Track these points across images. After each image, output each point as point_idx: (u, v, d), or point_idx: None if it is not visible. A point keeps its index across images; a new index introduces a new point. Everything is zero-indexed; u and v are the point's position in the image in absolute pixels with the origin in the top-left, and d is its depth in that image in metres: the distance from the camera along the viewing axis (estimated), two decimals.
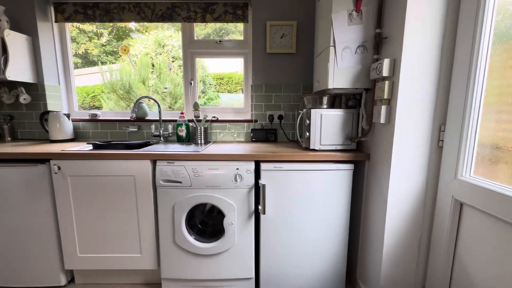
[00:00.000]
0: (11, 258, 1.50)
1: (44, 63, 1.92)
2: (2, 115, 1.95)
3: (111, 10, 1.97)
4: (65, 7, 1.97)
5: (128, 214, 1.47)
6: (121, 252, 1.50)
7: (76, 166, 1.42)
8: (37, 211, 1.46)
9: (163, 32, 2.49)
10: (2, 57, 1.69)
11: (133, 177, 1.43)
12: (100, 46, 2.41)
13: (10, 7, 1.82)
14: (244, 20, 1.95)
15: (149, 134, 2.01)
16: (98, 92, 2.44)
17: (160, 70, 2.52)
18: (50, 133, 1.82)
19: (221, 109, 2.14)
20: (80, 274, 1.59)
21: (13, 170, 1.42)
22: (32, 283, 1.54)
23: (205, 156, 1.41)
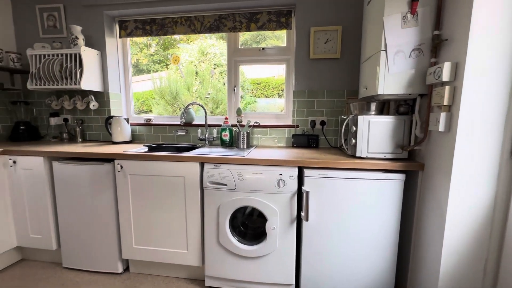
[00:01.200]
0: (81, 243, 1.73)
1: (109, 74, 2.19)
2: (75, 119, 2.26)
3: (166, 24, 2.16)
4: (127, 24, 2.22)
5: (177, 212, 1.58)
6: (170, 247, 1.62)
7: (135, 166, 1.58)
8: (102, 203, 1.66)
9: (206, 41, 2.65)
10: (79, 70, 1.97)
11: (183, 178, 1.54)
12: (149, 56, 2.65)
13: (85, 27, 2.12)
14: (288, 27, 1.98)
15: (195, 138, 2.14)
16: (147, 98, 2.68)
17: (203, 77, 2.68)
18: (113, 135, 2.06)
19: (262, 114, 2.19)
20: (134, 264, 1.76)
21: (85, 167, 1.64)
22: (95, 267, 1.75)
23: (249, 161, 1.45)
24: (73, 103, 2.18)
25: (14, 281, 1.67)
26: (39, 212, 1.74)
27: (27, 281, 1.67)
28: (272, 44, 2.23)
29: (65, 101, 2.18)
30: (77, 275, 1.73)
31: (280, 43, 2.25)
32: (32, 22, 2.23)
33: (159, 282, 1.67)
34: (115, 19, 2.22)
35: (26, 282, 1.66)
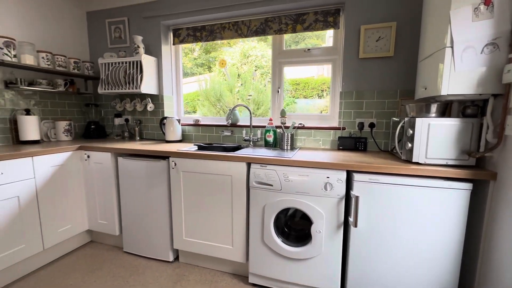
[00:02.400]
0: (139, 231, 1.92)
1: (164, 78, 2.39)
2: (135, 120, 2.53)
3: (215, 30, 2.29)
4: (180, 32, 2.41)
5: (224, 209, 1.66)
6: (216, 241, 1.71)
7: (187, 164, 1.70)
8: (157, 196, 1.82)
9: (248, 43, 2.71)
10: (139, 75, 2.20)
11: (230, 176, 1.61)
12: (192, 60, 2.81)
13: (145, 36, 2.35)
14: (335, 26, 1.93)
15: (239, 138, 2.22)
16: (192, 99, 2.83)
17: (245, 79, 2.75)
18: (166, 134, 2.25)
19: (305, 115, 2.17)
20: (183, 255, 1.90)
21: (144, 163, 1.83)
22: (150, 254, 1.93)
23: (295, 162, 1.46)
24: (133, 105, 2.44)
25: (86, 259, 1.93)
26: (106, 200, 1.99)
27: (95, 260, 1.92)
28: (312, 44, 2.20)
29: (127, 103, 2.45)
30: (135, 259, 1.93)
31: (320, 43, 2.21)
32: (102, 34, 2.55)
33: (206, 274, 1.77)
34: (170, 28, 2.42)
35: (95, 260, 1.91)
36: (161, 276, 1.74)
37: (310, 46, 2.13)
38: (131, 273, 1.76)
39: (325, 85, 2.27)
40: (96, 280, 1.69)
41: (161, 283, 1.67)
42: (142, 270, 1.80)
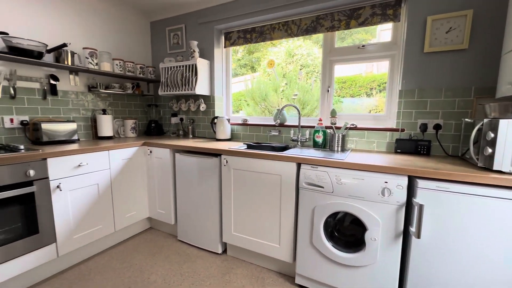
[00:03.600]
0: (191, 222, 2.08)
1: (216, 80, 2.53)
2: (188, 119, 2.73)
3: (264, 31, 2.32)
4: (231, 35, 2.51)
5: (272, 208, 1.68)
6: (263, 239, 1.75)
7: (237, 161, 1.77)
8: (209, 191, 1.94)
9: (294, 42, 2.67)
10: (194, 77, 2.36)
11: (279, 176, 1.63)
12: (236, 61, 2.88)
13: (200, 41, 2.52)
14: (395, 19, 1.79)
15: (287, 138, 2.22)
16: (236, 99, 2.91)
17: (290, 78, 2.73)
18: (217, 133, 2.38)
19: (356, 115, 2.06)
20: (231, 248, 1.98)
21: (198, 159, 1.96)
22: (200, 244, 2.07)
23: (349, 165, 1.40)
24: (188, 105, 2.63)
25: (146, 243, 2.17)
26: (164, 192, 2.19)
27: (154, 245, 2.14)
28: (360, 39, 2.07)
29: (182, 104, 2.66)
30: (188, 248, 2.09)
31: (369, 37, 2.06)
32: (163, 41, 2.81)
33: (252, 270, 1.82)
34: (222, 31, 2.54)
35: (154, 245, 2.12)
36: (211, 266, 1.85)
37: (358, 42, 2.02)
38: (185, 260, 1.91)
39: (375, 83, 2.13)
40: (156, 263, 1.88)
41: (211, 272, 1.77)
42: (194, 258, 1.94)
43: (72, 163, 1.71)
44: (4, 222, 1.44)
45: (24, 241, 1.51)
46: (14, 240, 1.47)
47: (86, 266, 1.83)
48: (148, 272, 1.77)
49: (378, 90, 2.14)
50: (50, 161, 1.60)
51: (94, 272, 1.76)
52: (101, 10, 2.39)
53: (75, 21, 2.20)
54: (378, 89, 2.14)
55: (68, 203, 1.71)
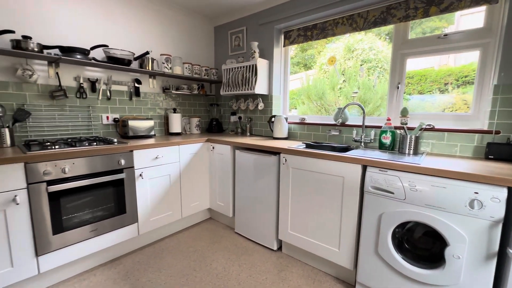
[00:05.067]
0: (248, 216, 2.16)
1: (274, 79, 2.56)
2: (246, 117, 2.84)
3: (326, 27, 2.24)
4: (291, 33, 2.50)
5: (332, 210, 1.63)
6: (321, 241, 1.70)
7: (297, 160, 1.77)
8: (266, 188, 1.99)
9: (354, 37, 2.49)
10: (254, 78, 2.44)
11: (342, 178, 1.56)
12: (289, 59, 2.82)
13: (260, 41, 2.58)
14: (492, 0, 1.50)
15: (348, 139, 2.11)
16: (291, 97, 2.87)
17: (349, 75, 2.56)
18: (274, 132, 2.41)
19: (431, 115, 1.82)
20: (287, 246, 1.99)
21: (257, 157, 2.02)
22: (256, 238, 2.14)
23: (427, 170, 1.25)
24: (247, 104, 2.73)
25: (207, 232, 2.35)
26: (224, 185, 2.34)
27: (214, 234, 2.30)
28: (431, 27, 1.80)
29: (241, 103, 2.78)
30: (244, 241, 2.18)
31: (444, 25, 1.78)
32: (225, 44, 2.98)
33: (308, 271, 1.80)
34: (281, 30, 2.56)
35: (214, 235, 2.29)
36: (267, 261, 1.89)
37: (430, 31, 1.76)
38: (242, 252, 2.01)
39: (451, 77, 1.84)
40: (216, 251, 2.02)
41: (267, 267, 1.82)
42: (250, 252, 2.02)
43: (151, 155, 1.97)
44: (102, 201, 1.75)
45: (115, 219, 1.82)
46: (108, 217, 1.78)
47: (159, 245, 2.09)
48: (210, 258, 1.92)
49: (456, 85, 1.85)
50: (135, 153, 1.88)
51: (166, 252, 2.00)
52: (175, 19, 2.67)
53: (155, 31, 2.51)
54: (456, 84, 1.85)
55: (147, 189, 1.98)
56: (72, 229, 1.61)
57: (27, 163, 1.41)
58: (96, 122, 2.17)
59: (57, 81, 1.92)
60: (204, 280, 1.68)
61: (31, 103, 1.83)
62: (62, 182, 1.54)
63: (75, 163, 1.58)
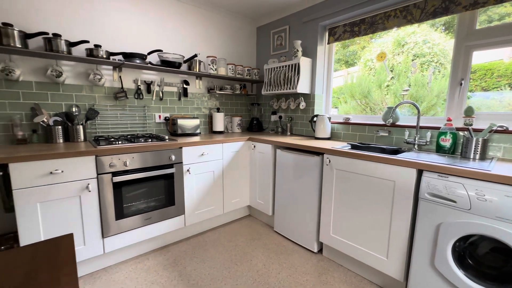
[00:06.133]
0: (288, 215, 2.16)
1: (317, 78, 2.50)
2: (287, 117, 2.83)
3: (376, 21, 2.11)
4: (336, 30, 2.41)
5: (380, 215, 1.53)
6: (367, 247, 1.62)
7: (341, 162, 1.70)
8: (307, 188, 1.96)
9: (405, 30, 2.28)
10: (296, 77, 2.42)
11: (393, 182, 1.46)
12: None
13: (303, 40, 2.55)
14: None
15: (398, 140, 1.96)
16: (333, 96, 2.75)
17: (399, 72, 2.36)
18: (316, 131, 2.36)
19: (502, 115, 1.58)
20: (328, 249, 1.94)
21: (299, 157, 2.00)
22: (295, 239, 2.12)
23: (501, 178, 1.10)
24: (288, 103, 2.72)
25: (246, 228, 2.41)
26: (264, 184, 2.37)
27: (253, 231, 2.35)
28: (500, 14, 1.53)
29: (282, 102, 2.78)
30: (283, 240, 2.19)
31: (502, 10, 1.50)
32: (267, 44, 3.01)
33: (351, 277, 1.72)
34: (326, 27, 2.48)
35: (253, 231, 2.34)
36: (307, 263, 1.87)
37: (498, 17, 1.51)
38: (281, 251, 2.01)
39: None
40: (256, 248, 2.06)
41: (307, 269, 1.79)
42: (290, 252, 2.01)
43: (197, 152, 2.10)
44: (154, 193, 1.92)
45: (165, 209, 1.97)
46: (160, 208, 1.94)
47: (203, 238, 2.21)
48: (250, 254, 1.97)
49: None
50: (184, 150, 2.01)
51: (209, 244, 2.11)
52: (220, 22, 2.79)
53: (201, 34, 2.65)
54: None
55: (194, 184, 2.11)
56: (130, 216, 1.80)
57: (98, 156, 1.61)
58: (150, 120, 2.38)
59: (120, 83, 2.16)
60: (246, 275, 1.72)
61: (99, 104, 2.09)
62: (124, 174, 1.73)
63: (134, 157, 1.77)
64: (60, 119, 1.85)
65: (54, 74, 1.79)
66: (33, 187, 1.41)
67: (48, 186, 1.45)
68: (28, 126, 1.79)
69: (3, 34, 1.51)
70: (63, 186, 1.50)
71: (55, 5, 1.82)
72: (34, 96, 1.80)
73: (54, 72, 1.79)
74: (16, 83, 1.73)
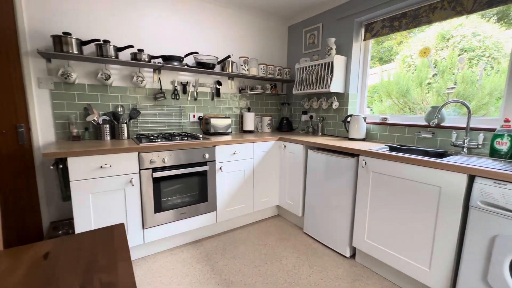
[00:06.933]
0: (318, 217, 2.11)
1: (351, 76, 2.41)
2: (318, 117, 2.77)
3: (420, 14, 1.97)
4: (374, 25, 2.29)
5: (422, 223, 1.43)
6: (406, 256, 1.52)
7: (379, 164, 1.62)
8: (340, 191, 1.89)
9: (451, 22, 2.07)
10: (330, 75, 2.35)
11: (438, 188, 1.35)
12: None
13: (337, 37, 2.47)
14: None
15: (443, 142, 1.81)
16: (369, 95, 2.61)
17: (443, 68, 2.16)
18: (349, 132, 2.27)
19: None
20: (361, 255, 1.86)
21: (332, 158, 1.95)
22: (326, 242, 2.07)
23: None
24: (320, 103, 2.66)
25: (275, 228, 2.41)
26: (294, 184, 2.35)
27: (283, 231, 2.34)
28: None
29: (313, 102, 2.72)
30: (313, 242, 2.15)
31: None
32: (298, 42, 2.97)
33: (387, 287, 1.63)
34: (362, 24, 2.38)
35: (282, 231, 2.33)
36: (339, 268, 1.81)
37: None
38: (311, 254, 1.98)
39: None
40: (286, 248, 2.05)
41: (339, 274, 1.74)
42: (320, 254, 1.97)
43: (230, 151, 2.15)
44: (189, 189, 2.01)
45: (198, 205, 2.06)
46: (193, 204, 2.03)
47: (233, 235, 2.26)
48: (279, 255, 1.96)
49: None
50: (217, 148, 2.08)
51: (239, 241, 2.15)
52: (252, 22, 2.82)
53: (234, 34, 2.71)
54: None
55: (225, 182, 2.17)
56: (167, 210, 1.90)
57: (140, 153, 1.73)
58: (185, 120, 2.50)
59: (159, 85, 2.30)
60: (276, 274, 1.73)
61: (140, 104, 2.24)
62: (162, 170, 1.83)
63: (171, 155, 1.87)
64: (108, 118, 2.02)
65: (104, 77, 1.96)
66: (87, 179, 1.56)
67: (99, 179, 1.60)
68: (81, 124, 1.99)
69: (63, 42, 1.70)
70: (111, 179, 1.64)
71: (104, 14, 2.00)
72: (86, 97, 1.99)
73: (103, 75, 1.96)
74: (72, 86, 1.93)
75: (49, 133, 1.89)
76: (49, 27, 1.81)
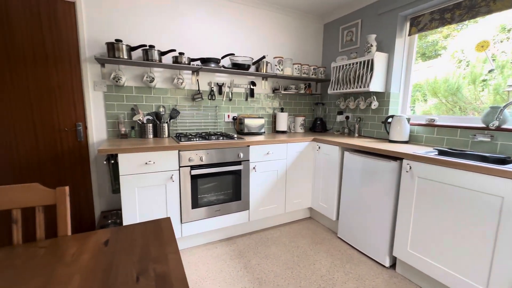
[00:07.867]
0: (354, 223, 2.02)
1: (393, 75, 2.26)
2: (355, 117, 2.65)
3: (477, 4, 1.77)
4: (420, 19, 2.12)
5: (479, 237, 1.29)
6: (456, 271, 1.38)
7: (426, 169, 1.50)
8: (380, 196, 1.79)
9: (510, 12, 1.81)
10: (369, 74, 2.23)
11: (500, 198, 1.20)
12: None
13: (378, 33, 2.34)
14: None
15: (505, 147, 1.61)
16: (412, 93, 2.41)
17: (502, 63, 1.91)
18: (390, 134, 2.13)
19: None
20: (402, 266, 1.74)
21: (371, 161, 1.85)
22: (362, 249, 1.97)
23: None
24: (357, 103, 2.54)
25: (307, 231, 2.36)
26: (328, 187, 2.28)
27: (315, 234, 2.28)
28: None
29: (350, 102, 2.61)
30: (348, 248, 2.06)
31: None
32: (334, 40, 2.87)
33: None
34: (407, 17, 2.21)
35: (315, 235, 2.27)
36: (377, 277, 1.71)
37: None
38: (347, 260, 1.90)
39: None
40: (319, 252, 2.00)
41: (377, 284, 1.65)
42: (356, 262, 1.89)
43: (263, 151, 2.16)
44: (224, 187, 2.06)
45: (232, 203, 2.10)
46: (228, 202, 2.08)
47: (265, 234, 2.27)
48: (312, 258, 1.92)
49: None
50: (251, 148, 2.10)
51: (271, 241, 2.15)
52: (286, 21, 2.80)
53: (269, 35, 2.71)
54: None
55: (258, 182, 2.19)
56: (203, 206, 1.98)
57: (180, 151, 1.83)
58: (220, 119, 2.57)
59: (197, 86, 2.40)
60: (309, 278, 1.69)
61: (179, 104, 2.36)
62: (200, 168, 1.91)
63: (208, 153, 1.93)
64: (151, 118, 2.17)
65: (148, 79, 2.11)
66: (134, 174, 1.69)
67: (144, 174, 1.72)
68: (128, 124, 2.16)
69: (116, 48, 1.86)
70: (154, 175, 1.76)
71: (150, 21, 2.14)
72: (133, 99, 2.16)
73: (148, 78, 2.11)
74: (122, 88, 2.11)
75: (101, 131, 2.09)
76: (104, 35, 2.00)
